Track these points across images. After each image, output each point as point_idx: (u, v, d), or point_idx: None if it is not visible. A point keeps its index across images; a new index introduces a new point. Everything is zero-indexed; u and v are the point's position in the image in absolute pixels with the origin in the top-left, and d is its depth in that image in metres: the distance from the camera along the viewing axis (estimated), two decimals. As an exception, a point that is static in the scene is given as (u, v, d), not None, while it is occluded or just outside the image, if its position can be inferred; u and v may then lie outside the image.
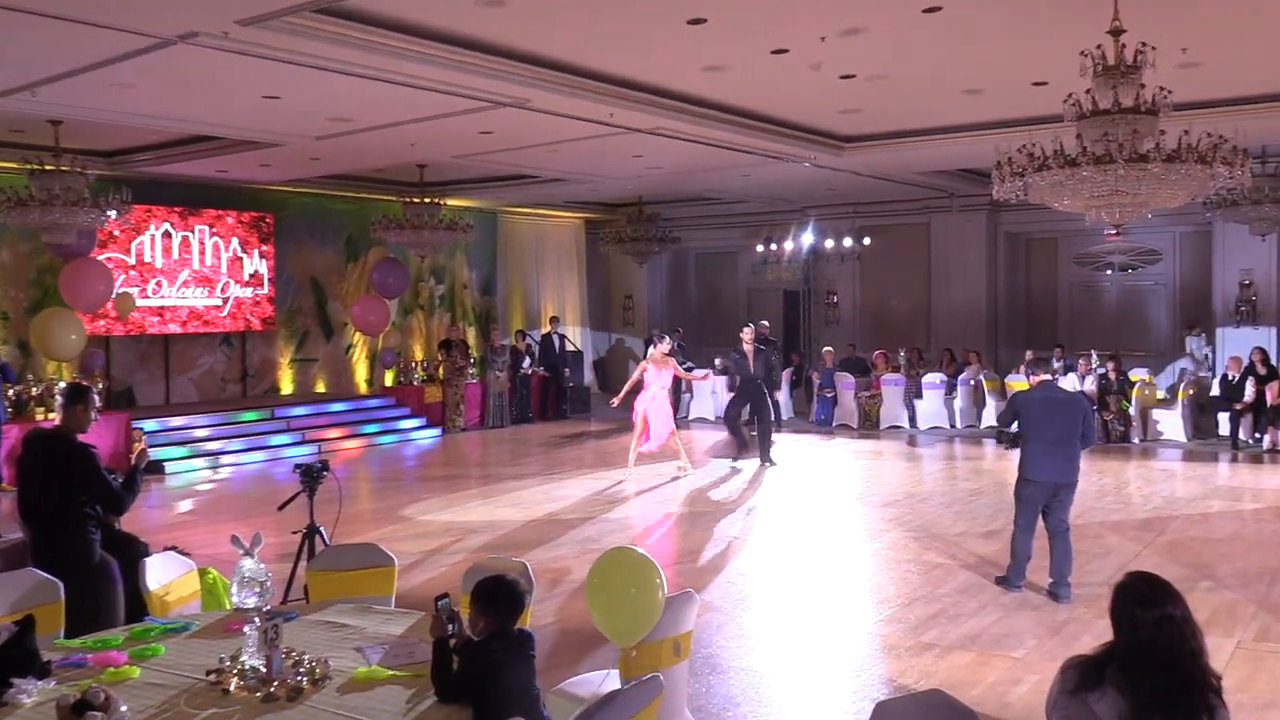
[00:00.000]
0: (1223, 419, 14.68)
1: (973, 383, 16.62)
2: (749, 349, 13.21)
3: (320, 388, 17.44)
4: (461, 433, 16.99)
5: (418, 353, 18.59)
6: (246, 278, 16.21)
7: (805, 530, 9.79)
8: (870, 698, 5.32)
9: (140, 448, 5.88)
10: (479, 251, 19.66)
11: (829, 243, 18.57)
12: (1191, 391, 15.34)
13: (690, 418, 17.74)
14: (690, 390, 17.68)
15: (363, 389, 17.91)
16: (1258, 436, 14.09)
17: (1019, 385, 13.07)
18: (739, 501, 11.15)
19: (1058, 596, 7.21)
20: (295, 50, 8.01)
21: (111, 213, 11.38)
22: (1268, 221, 13.84)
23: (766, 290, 22.22)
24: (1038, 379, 7.56)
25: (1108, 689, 2.84)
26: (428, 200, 15.18)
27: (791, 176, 15.26)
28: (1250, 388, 14.03)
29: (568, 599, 7.37)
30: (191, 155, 13.14)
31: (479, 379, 17.84)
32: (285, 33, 7.53)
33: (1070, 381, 14.82)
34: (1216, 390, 14.99)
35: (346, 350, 17.96)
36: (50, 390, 12.44)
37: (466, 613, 3.70)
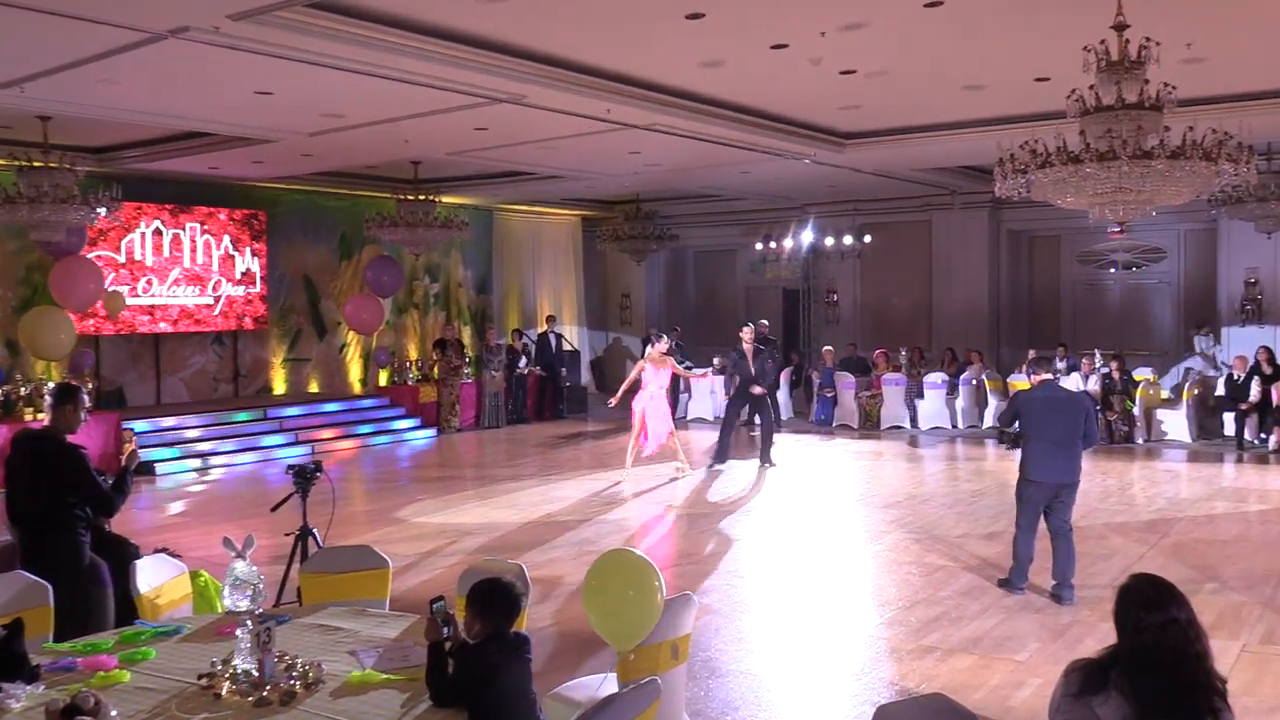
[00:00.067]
0: (1228, 419, 14.60)
1: (975, 382, 16.56)
2: (748, 349, 13.13)
3: (313, 388, 17.33)
4: (457, 433, 16.90)
5: (412, 352, 18.48)
6: (238, 276, 16.11)
7: (805, 532, 9.72)
8: (871, 701, 5.27)
9: (130, 448, 5.85)
10: (474, 249, 19.55)
11: (829, 240, 18.51)
12: (1196, 391, 15.25)
13: (689, 418, 17.67)
14: (689, 390, 17.62)
15: (356, 389, 17.82)
16: (1263, 437, 14.01)
17: (1021, 385, 12.99)
18: (738, 503, 11.08)
19: (1061, 599, 7.15)
20: (287, 45, 7.96)
21: (101, 210, 11.27)
22: (1273, 219, 13.79)
23: (766, 289, 22.13)
24: (1039, 378, 7.54)
25: (1112, 692, 2.83)
26: (422, 197, 15.07)
27: (791, 173, 15.21)
28: (1255, 387, 13.96)
29: (565, 601, 7.30)
30: (182, 152, 13.05)
31: (474, 379, 17.75)
32: (277, 27, 7.49)
33: (1074, 381, 14.74)
34: (1221, 390, 14.91)
35: (340, 350, 17.86)
36: (39, 390, 12.38)
37: (462, 616, 3.68)
